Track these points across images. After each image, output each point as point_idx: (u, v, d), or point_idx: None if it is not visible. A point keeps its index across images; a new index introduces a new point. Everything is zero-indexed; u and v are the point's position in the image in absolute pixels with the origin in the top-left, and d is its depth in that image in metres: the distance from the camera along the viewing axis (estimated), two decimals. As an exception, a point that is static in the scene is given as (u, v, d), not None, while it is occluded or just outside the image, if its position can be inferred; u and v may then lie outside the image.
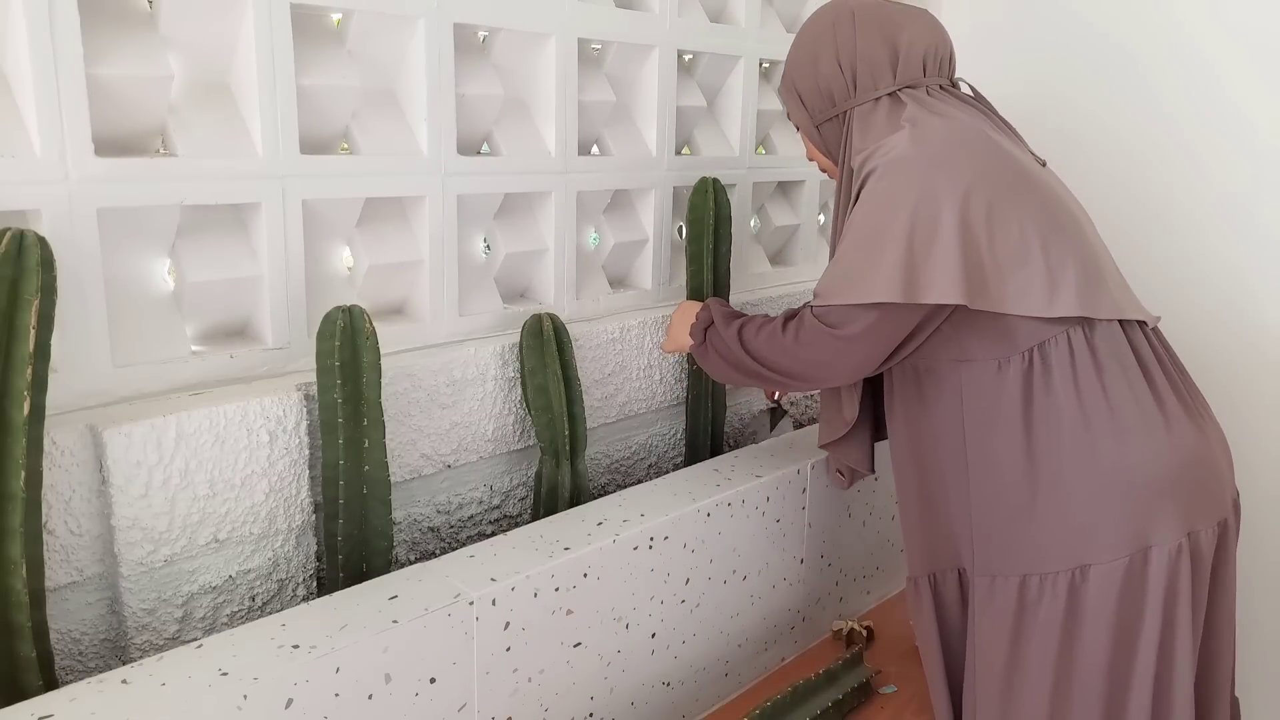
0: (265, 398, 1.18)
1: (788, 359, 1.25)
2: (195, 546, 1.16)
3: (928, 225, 1.12)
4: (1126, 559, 1.12)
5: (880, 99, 1.25)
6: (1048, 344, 1.16)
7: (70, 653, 1.11)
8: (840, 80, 1.27)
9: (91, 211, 1.09)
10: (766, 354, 1.28)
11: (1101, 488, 1.14)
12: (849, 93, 1.27)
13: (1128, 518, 1.13)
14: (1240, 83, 1.83)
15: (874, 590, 1.82)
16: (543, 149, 1.55)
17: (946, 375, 1.23)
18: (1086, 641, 1.14)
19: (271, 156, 1.22)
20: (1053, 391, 1.16)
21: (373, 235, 1.39)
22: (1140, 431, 1.15)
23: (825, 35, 1.28)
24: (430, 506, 1.45)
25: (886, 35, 1.25)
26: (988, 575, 1.21)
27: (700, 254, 1.67)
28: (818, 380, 1.29)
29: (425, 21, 1.33)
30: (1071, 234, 1.19)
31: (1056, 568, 1.15)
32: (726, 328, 1.35)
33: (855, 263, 1.16)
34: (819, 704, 1.42)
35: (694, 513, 1.39)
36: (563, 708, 1.26)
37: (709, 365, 1.42)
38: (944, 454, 1.26)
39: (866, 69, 1.25)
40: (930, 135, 1.17)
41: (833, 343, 1.19)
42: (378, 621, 1.04)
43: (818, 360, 1.22)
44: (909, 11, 1.29)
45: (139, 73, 1.12)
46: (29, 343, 0.96)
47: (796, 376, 1.27)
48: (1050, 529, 1.16)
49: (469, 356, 1.43)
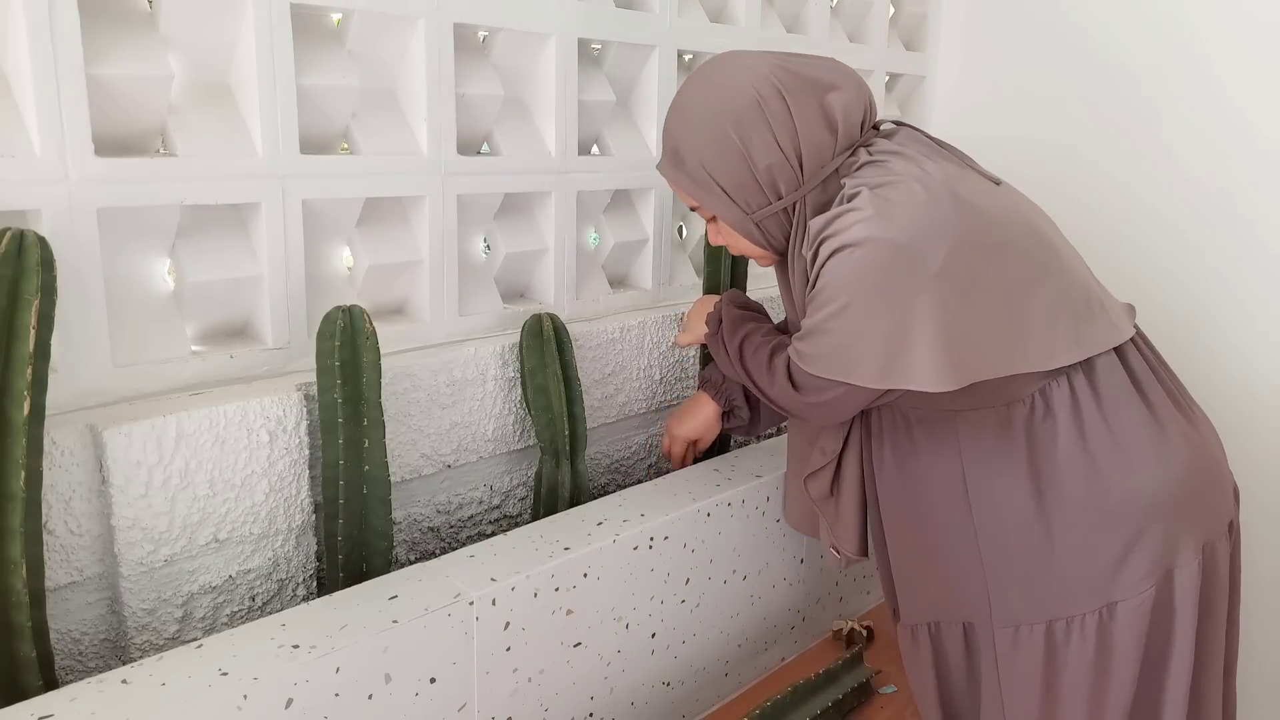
0: (265, 398, 1.18)
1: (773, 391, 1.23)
2: (195, 546, 1.16)
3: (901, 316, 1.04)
4: (1153, 589, 1.10)
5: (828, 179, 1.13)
6: (1049, 387, 1.13)
7: (70, 653, 1.11)
8: (789, 170, 1.12)
9: (91, 211, 1.09)
10: (756, 377, 1.27)
11: (1118, 522, 1.11)
12: (798, 181, 1.12)
13: (1148, 547, 1.10)
14: (1241, 84, 1.83)
15: (874, 590, 1.82)
16: (543, 149, 1.55)
17: (941, 423, 1.18)
18: (1117, 676, 1.12)
19: (271, 156, 1.22)
20: (1057, 434, 1.12)
21: (373, 235, 1.39)
22: (1146, 457, 1.12)
23: (751, 115, 1.10)
24: (430, 506, 1.45)
25: (822, 105, 1.11)
26: (1010, 626, 1.16)
27: (718, 253, 1.66)
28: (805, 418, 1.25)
29: (425, 21, 1.33)
30: (1053, 271, 1.13)
31: (1083, 609, 1.11)
32: (732, 335, 1.33)
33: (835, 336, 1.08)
34: (819, 704, 1.42)
35: (694, 513, 1.39)
36: (563, 708, 1.26)
37: (717, 358, 1.40)
38: (943, 505, 1.20)
39: (811, 150, 1.11)
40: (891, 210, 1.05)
41: (800, 400, 1.17)
42: (378, 621, 1.04)
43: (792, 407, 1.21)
44: (822, 65, 1.15)
45: (139, 73, 1.12)
46: (29, 343, 0.96)
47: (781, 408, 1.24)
48: (1071, 571, 1.12)
49: (469, 356, 1.43)
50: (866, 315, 1.05)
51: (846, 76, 1.15)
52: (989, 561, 1.17)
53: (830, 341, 1.09)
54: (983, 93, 2.21)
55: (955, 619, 1.23)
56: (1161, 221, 1.94)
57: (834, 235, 1.06)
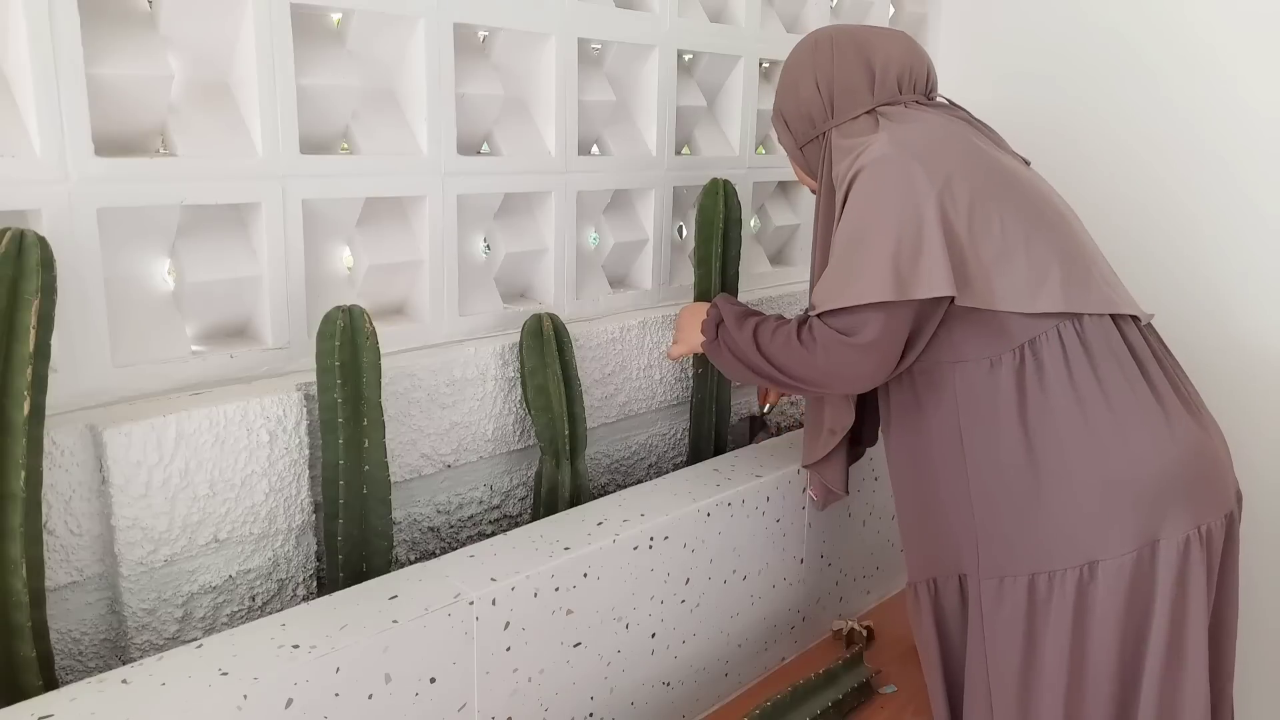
0: (265, 398, 1.18)
1: (804, 366, 1.24)
2: (195, 546, 1.16)
3: (912, 222, 1.14)
4: (1134, 553, 1.13)
5: (858, 117, 1.29)
6: (1039, 340, 1.17)
7: (70, 653, 1.11)
8: (819, 102, 1.32)
9: (91, 211, 1.09)
10: (783, 360, 1.26)
11: (1107, 482, 1.14)
12: (827, 114, 1.32)
13: (1134, 511, 1.13)
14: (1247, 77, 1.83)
15: (874, 590, 1.82)
16: (543, 149, 1.55)
17: (941, 377, 1.24)
18: (1096, 639, 1.15)
19: (271, 156, 1.22)
20: (1047, 387, 1.16)
21: (373, 235, 1.39)
22: (1141, 425, 1.15)
23: (805, 62, 1.34)
24: (430, 506, 1.45)
25: (862, 58, 1.30)
26: (995, 577, 1.21)
27: (709, 256, 1.66)
28: (833, 387, 1.26)
29: (425, 21, 1.33)
30: (1056, 229, 1.21)
31: (1064, 564, 1.15)
32: (739, 328, 1.33)
33: (847, 266, 1.18)
34: (819, 704, 1.42)
35: (694, 513, 1.39)
36: (563, 708, 1.26)
37: (722, 362, 1.40)
38: (941, 457, 1.26)
39: (844, 90, 1.30)
40: (906, 135, 1.21)
41: (848, 350, 1.19)
42: (378, 621, 1.04)
43: (835, 367, 1.21)
44: (886, 34, 1.34)
45: (139, 72, 1.12)
46: (29, 343, 0.96)
47: (812, 383, 1.26)
48: (1056, 526, 1.16)
49: (469, 356, 1.43)
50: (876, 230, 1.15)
51: (901, 44, 1.33)
52: (979, 512, 1.22)
53: (844, 268, 1.18)
54: (983, 92, 2.20)
55: (951, 572, 1.29)
56: (1169, 221, 1.94)
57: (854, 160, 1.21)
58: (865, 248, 1.16)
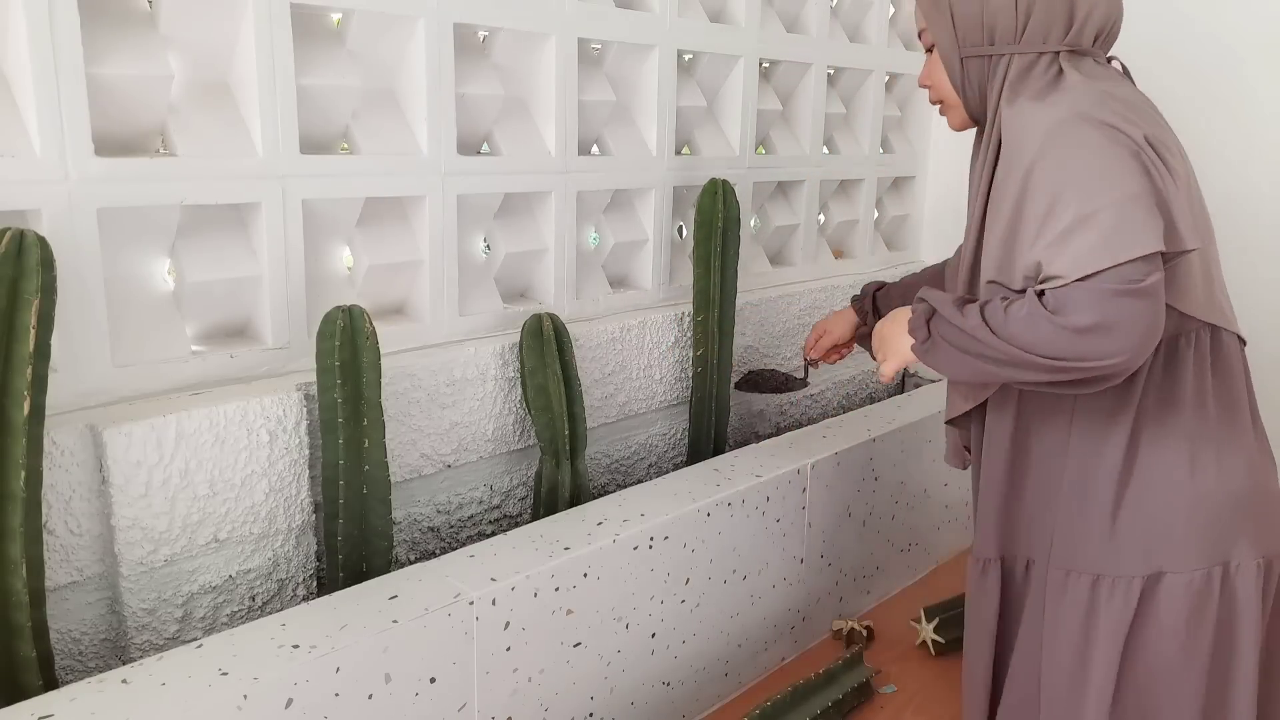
0: (265, 398, 1.18)
1: (1060, 338, 1.03)
2: (195, 546, 1.16)
3: (1154, 178, 1.04)
4: (1204, 571, 1.11)
5: (1042, 55, 1.16)
6: (1179, 342, 1.12)
7: (70, 652, 1.11)
8: (1011, 19, 1.16)
9: (91, 211, 1.09)
10: (1029, 336, 1.05)
11: (1191, 500, 1.12)
12: (1014, 36, 1.16)
13: (1210, 530, 1.11)
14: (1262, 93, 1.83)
15: (874, 590, 1.82)
16: (543, 149, 1.55)
17: None
18: (1152, 649, 1.13)
19: (271, 156, 1.22)
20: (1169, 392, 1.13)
21: (373, 235, 1.39)
22: (1235, 449, 1.13)
23: None
24: (430, 506, 1.45)
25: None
26: (1062, 569, 1.18)
27: (708, 256, 1.66)
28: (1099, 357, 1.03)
29: (425, 21, 1.33)
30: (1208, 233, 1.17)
31: (1131, 572, 1.13)
32: (962, 315, 1.12)
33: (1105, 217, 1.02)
34: (819, 704, 1.42)
35: (694, 513, 1.39)
36: (563, 708, 1.26)
37: (943, 361, 1.17)
38: (1044, 441, 1.21)
39: (1042, 18, 1.15)
40: (1119, 93, 1.11)
41: (1129, 302, 1.01)
42: (378, 621, 1.04)
43: (1107, 325, 1.01)
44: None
45: (139, 72, 1.12)
46: (29, 343, 0.96)
47: (1075, 357, 1.04)
48: (1132, 533, 1.13)
49: (469, 356, 1.43)
50: (1124, 182, 1.02)
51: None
52: (1065, 504, 1.19)
53: (1100, 225, 1.02)
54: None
55: (1022, 554, 1.26)
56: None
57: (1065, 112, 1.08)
58: (1117, 198, 1.02)
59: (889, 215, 2.41)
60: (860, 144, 2.22)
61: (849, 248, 2.30)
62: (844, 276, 2.19)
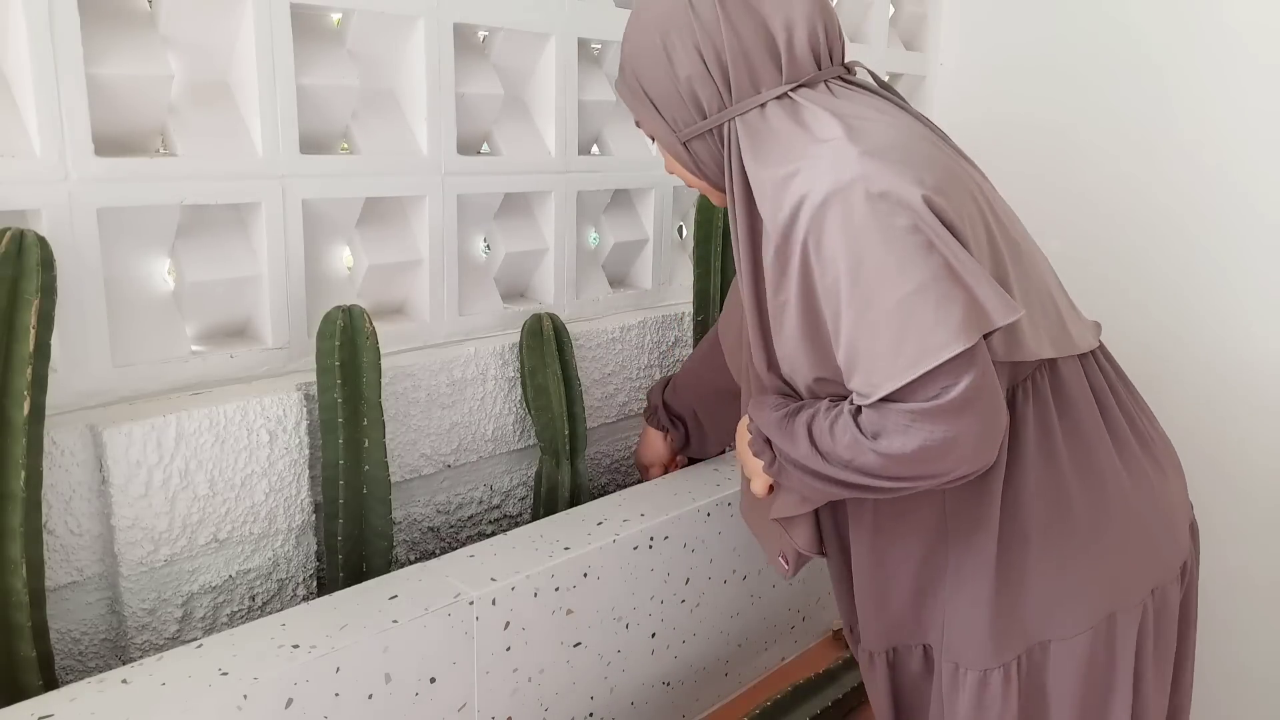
0: (265, 397, 1.18)
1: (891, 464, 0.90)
2: (195, 546, 1.16)
3: (946, 242, 0.88)
4: (1089, 632, 1.01)
5: (767, 104, 0.97)
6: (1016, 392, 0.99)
7: (70, 653, 1.11)
8: (709, 84, 0.98)
9: (91, 211, 1.09)
10: (859, 462, 0.92)
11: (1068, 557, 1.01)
12: (722, 99, 0.99)
13: (1093, 586, 1.02)
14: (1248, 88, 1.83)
15: (874, 590, 1.82)
16: (543, 149, 1.55)
17: None
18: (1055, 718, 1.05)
19: (271, 156, 1.22)
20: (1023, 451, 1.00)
21: (373, 235, 1.39)
22: (1104, 489, 1.02)
23: (679, 21, 0.97)
24: (430, 506, 1.45)
25: (758, 20, 0.97)
26: (952, 663, 1.07)
27: (707, 256, 1.66)
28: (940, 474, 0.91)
29: (425, 21, 1.33)
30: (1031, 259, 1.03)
31: (1013, 654, 1.03)
32: (792, 440, 0.98)
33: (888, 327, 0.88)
34: (819, 703, 1.42)
35: (694, 512, 1.39)
36: (563, 708, 1.26)
37: (793, 483, 1.04)
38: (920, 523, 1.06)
39: (741, 66, 0.97)
40: (870, 125, 0.92)
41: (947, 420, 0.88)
42: (378, 621, 1.04)
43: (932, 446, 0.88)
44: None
45: (139, 72, 1.12)
46: (29, 343, 0.96)
47: (908, 477, 0.92)
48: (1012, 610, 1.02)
49: (469, 356, 1.43)
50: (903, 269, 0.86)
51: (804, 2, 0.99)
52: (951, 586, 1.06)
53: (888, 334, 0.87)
54: (982, 92, 2.21)
55: (915, 641, 1.13)
56: (1167, 219, 1.94)
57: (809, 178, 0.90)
58: (901, 298, 0.87)
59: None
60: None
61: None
62: (844, 276, 2.18)
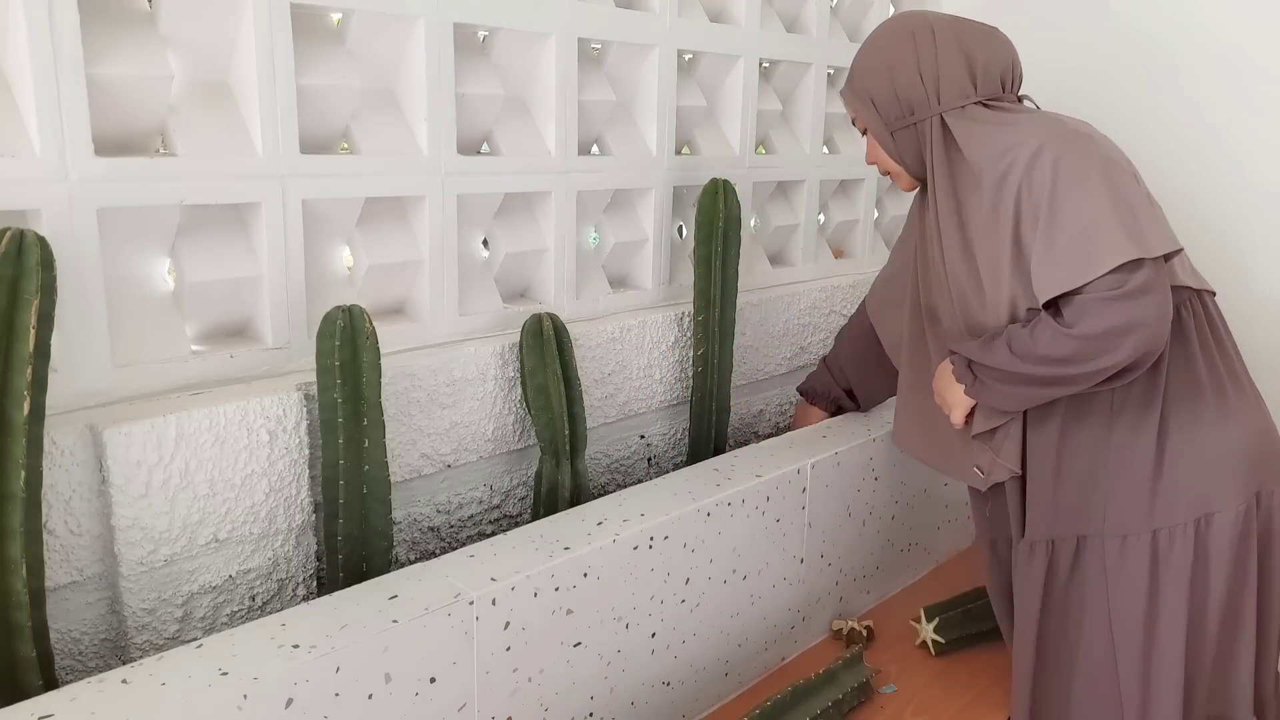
0: (265, 398, 1.18)
1: (1085, 346, 1.16)
2: (195, 546, 1.16)
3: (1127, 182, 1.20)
4: (1245, 505, 1.27)
5: (965, 107, 1.31)
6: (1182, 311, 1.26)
7: (70, 653, 1.11)
8: (920, 90, 1.32)
9: (91, 211, 1.09)
10: (1057, 353, 1.18)
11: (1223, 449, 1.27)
12: (929, 104, 1.32)
13: (1243, 470, 1.27)
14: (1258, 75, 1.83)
15: (874, 590, 1.82)
16: (543, 149, 1.55)
17: None
18: (1213, 582, 1.27)
19: (271, 156, 1.22)
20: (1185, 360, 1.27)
21: (373, 235, 1.39)
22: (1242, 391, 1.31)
23: (903, 46, 1.33)
24: (430, 506, 1.45)
25: (964, 51, 1.31)
26: (1118, 537, 1.29)
27: (709, 256, 1.66)
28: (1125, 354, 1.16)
29: (425, 21, 1.33)
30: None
31: (1185, 519, 1.26)
32: (991, 353, 1.25)
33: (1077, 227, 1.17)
34: (819, 704, 1.42)
35: (694, 512, 1.39)
36: (563, 708, 1.26)
37: (999, 398, 1.29)
38: (1088, 422, 1.30)
39: (949, 78, 1.31)
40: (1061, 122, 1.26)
41: (1133, 302, 1.14)
42: (378, 621, 1.04)
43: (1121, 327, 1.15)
44: (983, 29, 1.35)
45: (139, 72, 1.12)
46: (29, 342, 0.96)
47: (1099, 360, 1.17)
48: (1179, 486, 1.26)
49: (469, 356, 1.43)
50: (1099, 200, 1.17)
51: (999, 41, 1.35)
52: (1113, 480, 1.29)
53: (1073, 234, 1.16)
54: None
55: (1070, 533, 1.34)
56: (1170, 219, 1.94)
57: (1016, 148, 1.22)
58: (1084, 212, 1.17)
59: (889, 215, 2.41)
60: (860, 144, 2.22)
61: (849, 247, 2.30)
62: (844, 276, 2.19)
